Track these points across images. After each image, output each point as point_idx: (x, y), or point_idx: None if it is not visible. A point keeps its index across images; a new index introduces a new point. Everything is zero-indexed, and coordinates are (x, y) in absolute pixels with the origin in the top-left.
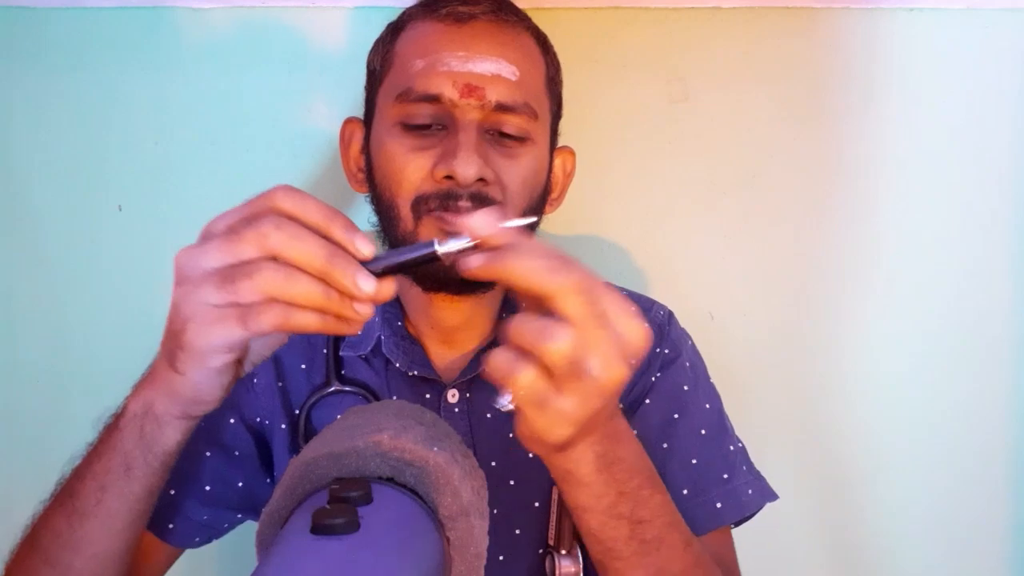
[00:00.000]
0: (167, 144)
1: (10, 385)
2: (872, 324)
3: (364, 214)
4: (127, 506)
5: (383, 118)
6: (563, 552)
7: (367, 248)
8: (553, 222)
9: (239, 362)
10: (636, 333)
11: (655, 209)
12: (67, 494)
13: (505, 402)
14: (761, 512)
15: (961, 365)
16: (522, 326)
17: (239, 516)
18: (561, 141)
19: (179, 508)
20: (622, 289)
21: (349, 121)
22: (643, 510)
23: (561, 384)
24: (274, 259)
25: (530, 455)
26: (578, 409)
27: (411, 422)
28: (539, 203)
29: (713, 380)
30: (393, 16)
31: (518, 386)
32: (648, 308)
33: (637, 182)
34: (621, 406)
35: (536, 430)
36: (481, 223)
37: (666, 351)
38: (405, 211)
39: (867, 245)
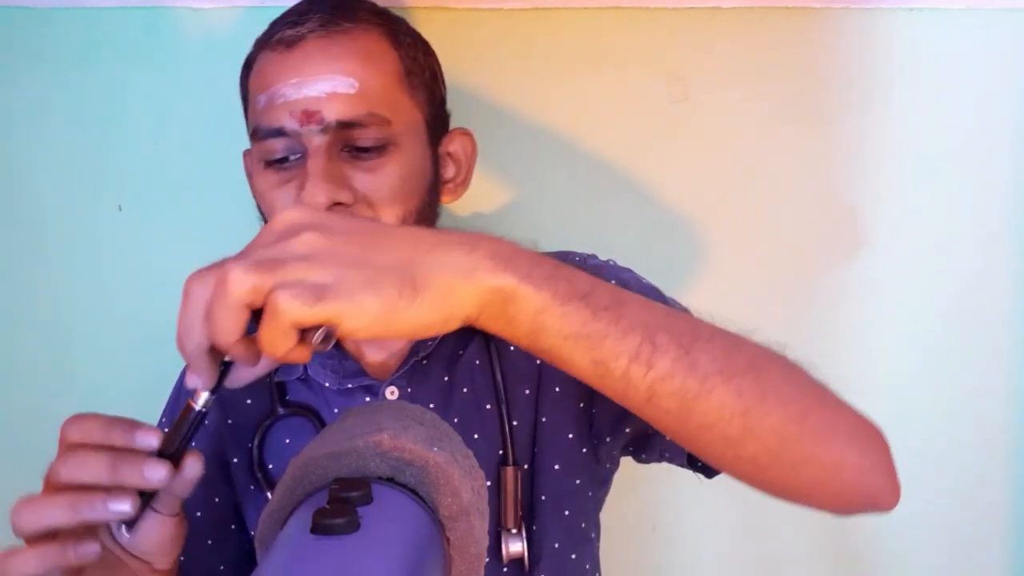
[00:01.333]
0: (167, 144)
1: (10, 385)
2: (873, 324)
3: None
4: None
5: (252, 155)
6: (513, 531)
7: (148, 440)
8: (552, 222)
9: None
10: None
11: (655, 209)
12: None
13: (317, 345)
14: (761, 511)
15: (963, 365)
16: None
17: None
18: (561, 140)
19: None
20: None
21: (245, 153)
22: (589, 293)
23: (316, 312)
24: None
25: (475, 436)
26: (346, 295)
27: (411, 422)
28: (427, 200)
29: None
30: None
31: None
32: (562, 258)
33: (637, 182)
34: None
35: (372, 320)
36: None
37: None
38: None
39: (867, 244)
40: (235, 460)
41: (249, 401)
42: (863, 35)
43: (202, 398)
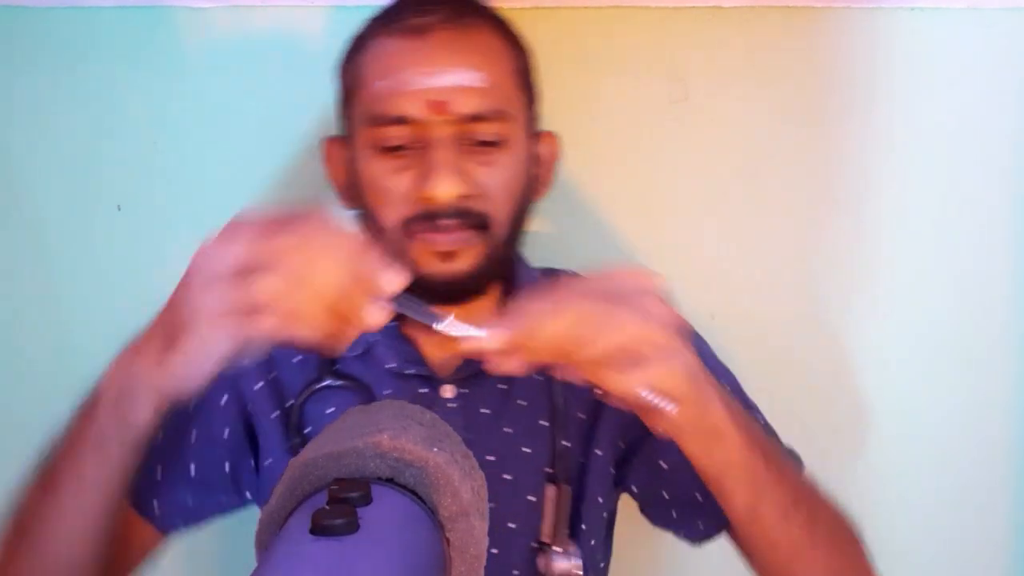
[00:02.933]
0: (167, 144)
1: (10, 385)
2: (873, 324)
3: None
4: (100, 482)
5: (359, 141)
6: (558, 550)
7: (392, 284)
8: (552, 223)
9: (224, 360)
10: (646, 282)
11: (655, 209)
12: (43, 469)
13: (666, 405)
14: None
15: (965, 363)
16: (594, 353)
17: (223, 500)
18: (561, 141)
19: (165, 490)
20: None
21: (330, 140)
22: (759, 437)
23: (665, 350)
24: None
25: (525, 450)
26: (688, 350)
27: (411, 422)
28: (525, 199)
29: None
30: None
31: (652, 383)
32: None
33: (637, 182)
34: None
35: (695, 400)
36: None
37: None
38: (394, 235)
39: (868, 245)
40: (273, 415)
41: (297, 359)
42: (864, 34)
43: (446, 324)
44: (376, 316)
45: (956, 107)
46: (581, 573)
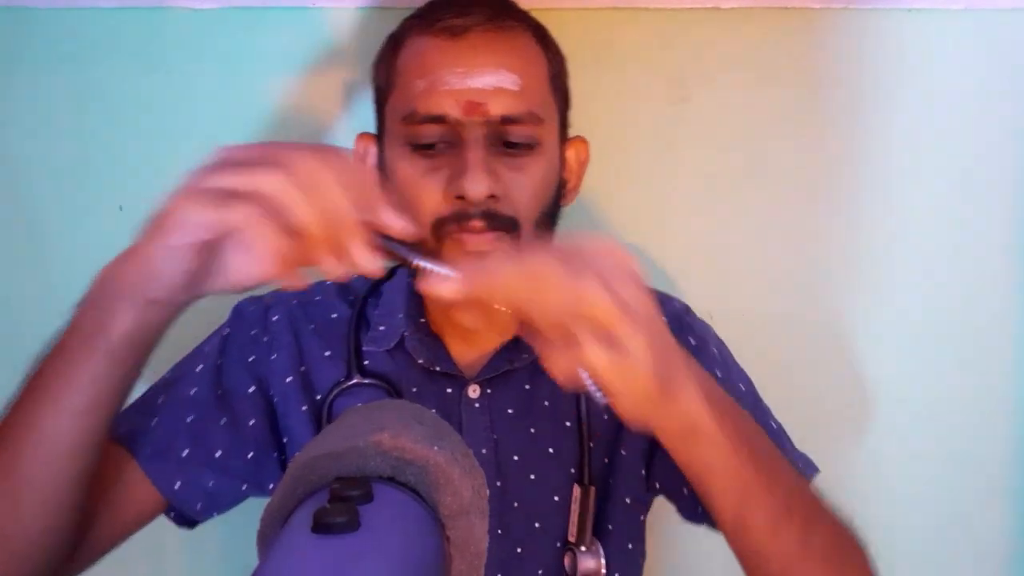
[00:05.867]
0: (168, 144)
1: (11, 385)
2: (872, 324)
3: None
4: (78, 390)
5: (392, 138)
6: (583, 549)
7: (396, 224)
8: None
9: (199, 272)
10: (621, 257)
11: (654, 209)
12: (29, 374)
13: (596, 392)
14: None
15: (963, 361)
16: (548, 312)
17: (244, 488)
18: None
19: (189, 470)
20: None
21: (362, 137)
22: (759, 451)
23: (615, 335)
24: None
25: (550, 450)
26: (645, 340)
27: (411, 421)
28: (554, 203)
29: None
30: (393, 17)
31: (591, 364)
32: (664, 301)
33: (637, 182)
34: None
35: (634, 392)
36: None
37: (692, 342)
38: (426, 233)
39: (867, 245)
40: (302, 408)
41: (327, 353)
42: (863, 35)
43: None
44: (366, 257)
45: (954, 107)
46: (605, 572)
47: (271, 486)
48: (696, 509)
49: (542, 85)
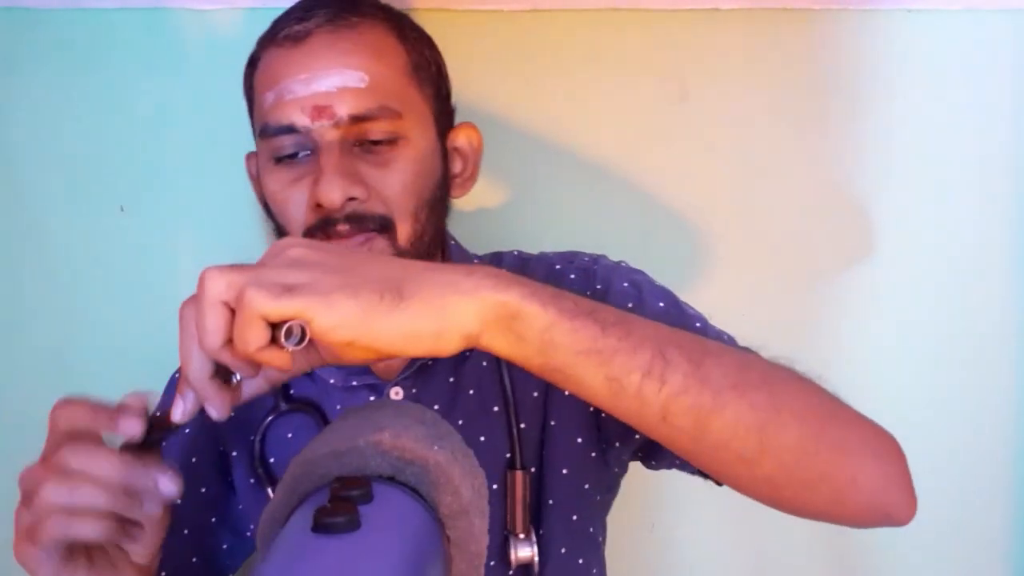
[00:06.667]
0: (169, 145)
1: (12, 386)
2: (871, 324)
3: None
4: None
5: (260, 154)
6: (521, 537)
7: (131, 429)
8: (553, 222)
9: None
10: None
11: (655, 209)
12: None
13: (294, 331)
14: (760, 509)
15: (962, 364)
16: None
17: (225, 547)
18: (562, 142)
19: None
20: (552, 253)
21: (249, 156)
22: (593, 310)
23: (281, 307)
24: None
25: (481, 439)
26: (312, 293)
27: (412, 421)
28: (438, 194)
29: None
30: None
31: (244, 296)
32: (570, 260)
33: (637, 182)
34: None
35: (348, 332)
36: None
37: (598, 287)
38: None
39: (866, 245)
40: (234, 453)
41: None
42: (862, 36)
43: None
44: (169, 485)
45: (953, 107)
46: (538, 559)
47: (251, 528)
48: (658, 449)
49: (397, 77)
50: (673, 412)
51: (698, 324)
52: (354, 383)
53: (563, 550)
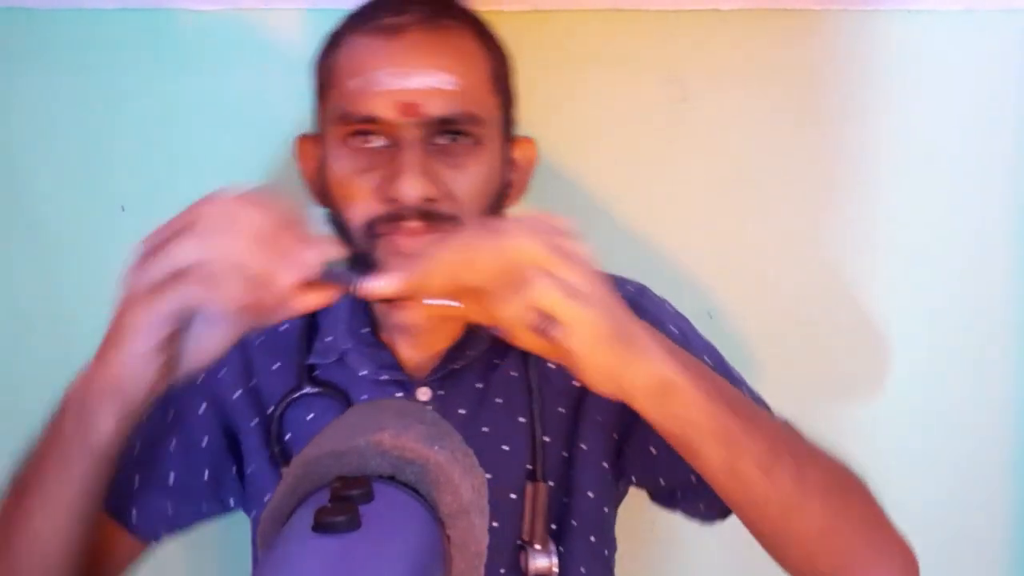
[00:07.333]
0: (169, 145)
1: (13, 386)
2: (871, 324)
3: None
4: (67, 495)
5: (329, 138)
6: (537, 547)
7: (318, 258)
8: None
9: (170, 362)
10: (555, 220)
11: (653, 210)
12: (15, 480)
13: (555, 328)
14: None
15: (962, 362)
16: (485, 272)
17: (204, 509)
18: (561, 142)
19: (143, 498)
20: None
21: (302, 139)
22: (726, 392)
23: (566, 309)
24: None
25: (504, 448)
26: (589, 283)
27: (412, 421)
28: (496, 203)
29: None
30: None
31: (541, 295)
32: (618, 284)
33: (636, 182)
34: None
35: (589, 344)
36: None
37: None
38: (359, 234)
39: (866, 246)
40: (253, 423)
41: (277, 366)
42: (862, 37)
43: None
44: (305, 298)
45: (952, 108)
46: (557, 571)
47: (231, 501)
48: (674, 497)
49: (481, 85)
50: (769, 501)
51: (746, 389)
52: (384, 377)
53: (582, 569)
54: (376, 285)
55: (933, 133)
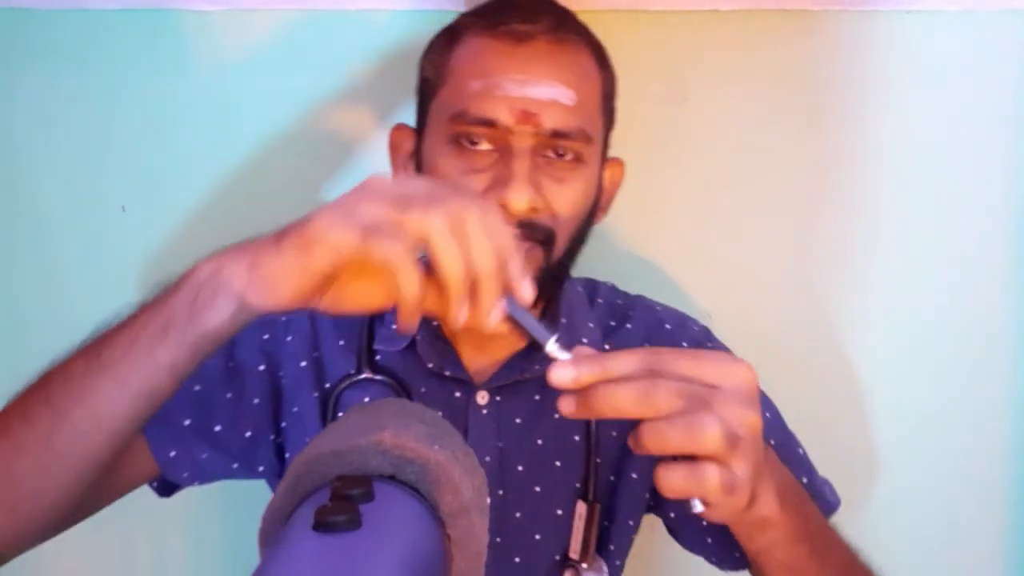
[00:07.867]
0: (170, 145)
1: (13, 386)
2: (871, 324)
3: None
4: (146, 371)
5: (435, 133)
6: (585, 567)
7: (527, 293)
8: None
9: (318, 289)
10: (743, 373)
11: (653, 210)
12: (96, 341)
13: (697, 505)
14: None
15: (961, 361)
16: (668, 438)
17: (235, 467)
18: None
19: (186, 440)
20: (657, 304)
21: (399, 128)
22: (810, 524)
23: (728, 458)
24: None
25: (556, 463)
26: (749, 468)
27: (413, 420)
28: (588, 220)
29: None
30: (396, 22)
31: (708, 489)
32: (682, 325)
33: (636, 183)
34: None
35: (731, 508)
36: (566, 376)
37: None
38: None
39: (865, 246)
40: (314, 394)
41: (342, 343)
42: (861, 37)
43: (557, 350)
44: (495, 314)
45: (951, 109)
46: None
47: (261, 468)
48: (704, 540)
49: (594, 103)
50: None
51: (800, 452)
52: (447, 372)
53: None
54: (563, 376)
55: (932, 133)
